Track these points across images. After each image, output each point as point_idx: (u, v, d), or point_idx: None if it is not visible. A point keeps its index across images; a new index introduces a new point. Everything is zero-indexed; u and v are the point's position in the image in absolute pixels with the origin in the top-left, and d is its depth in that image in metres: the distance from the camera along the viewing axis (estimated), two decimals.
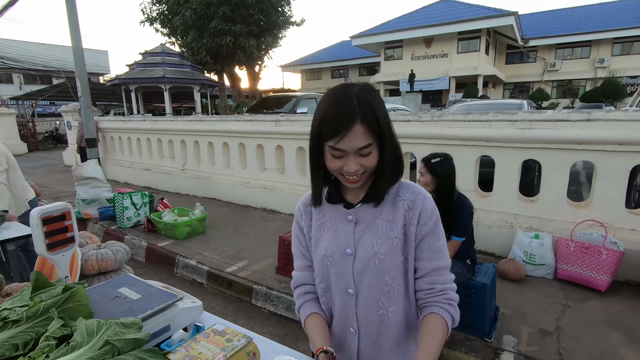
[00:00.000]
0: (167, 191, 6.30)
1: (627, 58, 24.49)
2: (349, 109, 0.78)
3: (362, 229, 0.91)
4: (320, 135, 0.82)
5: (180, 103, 24.71)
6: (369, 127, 0.78)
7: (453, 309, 0.89)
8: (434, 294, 0.90)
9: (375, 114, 0.80)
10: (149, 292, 1.17)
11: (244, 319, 2.76)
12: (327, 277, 0.96)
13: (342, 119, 0.78)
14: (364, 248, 0.90)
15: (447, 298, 0.89)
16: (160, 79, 14.48)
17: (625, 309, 2.43)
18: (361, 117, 0.78)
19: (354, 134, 0.78)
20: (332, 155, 0.82)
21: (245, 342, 0.99)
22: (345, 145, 0.79)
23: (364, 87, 0.83)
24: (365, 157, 0.81)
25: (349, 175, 0.83)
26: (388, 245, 0.88)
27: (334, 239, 0.94)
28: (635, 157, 2.77)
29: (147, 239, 4.00)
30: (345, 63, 33.88)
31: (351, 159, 0.81)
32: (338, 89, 0.83)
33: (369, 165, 0.83)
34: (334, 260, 0.93)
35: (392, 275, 0.90)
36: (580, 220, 2.85)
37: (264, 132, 4.88)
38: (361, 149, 0.79)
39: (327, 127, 0.80)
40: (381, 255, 0.88)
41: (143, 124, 6.79)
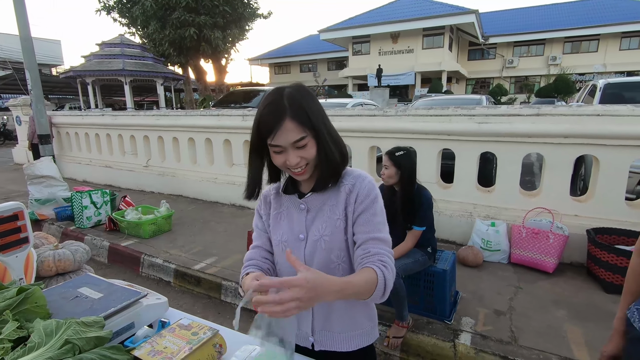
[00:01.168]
0: (130, 189, 6.06)
1: (577, 56, 26.27)
2: (279, 107, 0.87)
3: (313, 215, 1.02)
4: (260, 137, 0.91)
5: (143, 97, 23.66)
6: (300, 121, 0.87)
7: (386, 269, 0.89)
8: (368, 257, 0.92)
9: (304, 110, 0.89)
10: (111, 291, 1.16)
11: (214, 316, 2.74)
12: (282, 260, 1.05)
13: (273, 118, 0.87)
14: (313, 232, 1.00)
15: (380, 259, 0.91)
16: (120, 71, 13.79)
17: (570, 288, 2.66)
18: (290, 113, 0.87)
19: (286, 129, 0.87)
20: (274, 151, 0.91)
21: (212, 334, 1.01)
22: (280, 140, 0.87)
23: (295, 88, 0.92)
24: (302, 149, 0.90)
25: (292, 168, 0.91)
26: (332, 227, 0.98)
27: (289, 226, 1.04)
28: (578, 149, 3.01)
29: (109, 238, 3.85)
30: (314, 57, 33.82)
31: (290, 152, 0.89)
32: (271, 92, 0.92)
33: (308, 156, 0.91)
34: (288, 244, 1.02)
35: (337, 253, 0.99)
36: (531, 208, 3.07)
37: (231, 126, 4.81)
38: (296, 142, 0.88)
39: (263, 127, 0.89)
40: (326, 237, 0.98)
41: (102, 118, 6.47)
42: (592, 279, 2.76)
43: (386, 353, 2.22)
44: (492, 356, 1.99)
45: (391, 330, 2.19)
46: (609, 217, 2.94)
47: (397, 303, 2.10)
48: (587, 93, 5.90)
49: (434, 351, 2.12)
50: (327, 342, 1.05)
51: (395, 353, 2.19)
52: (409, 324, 2.20)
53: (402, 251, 2.15)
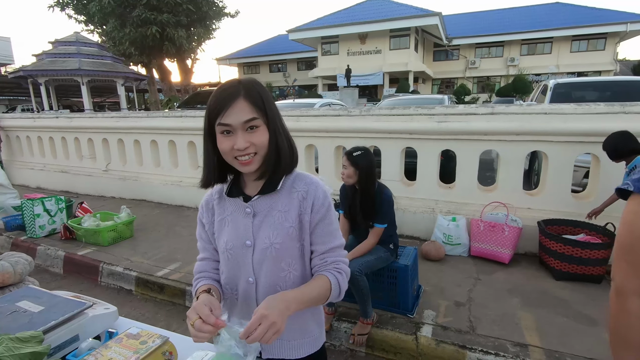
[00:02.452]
0: (89, 194, 5.77)
1: (533, 58, 27.80)
2: (233, 88, 0.86)
3: (260, 220, 0.96)
4: (209, 119, 0.88)
5: (104, 98, 22.60)
6: (253, 102, 0.85)
7: (340, 276, 0.95)
8: (325, 265, 0.97)
9: (259, 94, 0.87)
10: (54, 303, 1.10)
11: (177, 323, 2.67)
12: (229, 268, 1.01)
13: (227, 95, 0.85)
14: (261, 239, 0.95)
15: (336, 267, 0.96)
16: (76, 71, 13.07)
17: (523, 277, 2.82)
18: (244, 93, 0.85)
19: (238, 106, 0.84)
20: (222, 133, 0.86)
21: (161, 342, 0.99)
22: (230, 118, 0.84)
23: (251, 78, 0.91)
24: (253, 132, 0.86)
25: (240, 154, 0.86)
26: (283, 235, 0.94)
27: (234, 232, 0.98)
28: (529, 146, 3.19)
29: (64, 248, 3.64)
30: (283, 57, 33.65)
31: (239, 135, 0.85)
32: (228, 80, 0.91)
33: (257, 142, 0.86)
34: (234, 252, 0.97)
35: (288, 261, 0.96)
36: (488, 203, 3.22)
37: (196, 128, 4.69)
38: (247, 121, 0.84)
39: (213, 107, 0.86)
40: (277, 245, 0.94)
41: (56, 121, 6.10)
42: (544, 267, 2.94)
43: (352, 350, 2.25)
44: (452, 346, 2.07)
45: (356, 327, 2.22)
46: (558, 208, 3.14)
47: (361, 300, 2.13)
48: (539, 92, 6.27)
49: (397, 345, 2.18)
50: (276, 350, 1.02)
51: (361, 349, 2.23)
52: (373, 320, 2.25)
53: (364, 249, 2.19)
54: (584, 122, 2.90)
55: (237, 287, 1.01)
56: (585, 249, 2.62)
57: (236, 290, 1.01)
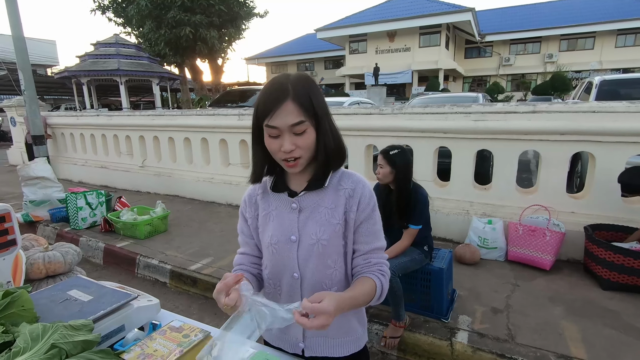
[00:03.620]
0: (125, 189, 6.03)
1: (573, 54, 26.34)
2: (281, 88, 0.84)
3: (305, 216, 0.95)
4: (258, 118, 0.87)
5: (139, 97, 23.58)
6: (301, 105, 0.83)
7: (384, 278, 0.95)
8: (369, 266, 0.96)
9: (308, 95, 0.85)
10: (102, 293, 1.14)
11: (210, 317, 2.72)
12: (273, 263, 1.00)
13: (275, 97, 0.83)
14: (307, 235, 0.94)
15: (380, 269, 0.96)
16: (115, 71, 13.72)
17: (566, 285, 2.66)
18: (293, 95, 0.83)
19: (286, 110, 0.82)
20: (269, 135, 0.86)
21: (203, 336, 1.00)
22: (277, 121, 0.83)
23: (300, 75, 0.89)
24: (299, 136, 0.84)
25: (286, 156, 0.86)
26: (330, 232, 0.93)
27: (279, 227, 0.97)
28: (574, 146, 3.00)
29: (104, 240, 3.82)
30: (311, 56, 33.77)
31: (286, 137, 0.84)
32: (277, 76, 0.89)
33: (303, 145, 0.85)
34: (279, 247, 0.97)
35: (334, 259, 0.95)
36: (528, 205, 3.07)
37: (227, 126, 4.78)
38: (294, 125, 0.83)
39: (261, 107, 0.85)
40: (324, 241, 0.93)
41: (97, 119, 6.42)
42: (589, 275, 2.76)
43: (383, 352, 2.20)
44: (490, 354, 1.98)
45: (388, 330, 2.17)
46: (605, 213, 2.94)
47: (394, 303, 2.08)
48: (583, 90, 5.91)
49: (431, 350, 2.11)
50: (319, 349, 1.02)
51: (393, 352, 2.18)
52: (406, 323, 2.19)
53: (398, 250, 2.13)
54: (637, 121, 2.70)
55: (281, 282, 1.00)
56: (638, 258, 2.43)
57: (279, 285, 1.01)
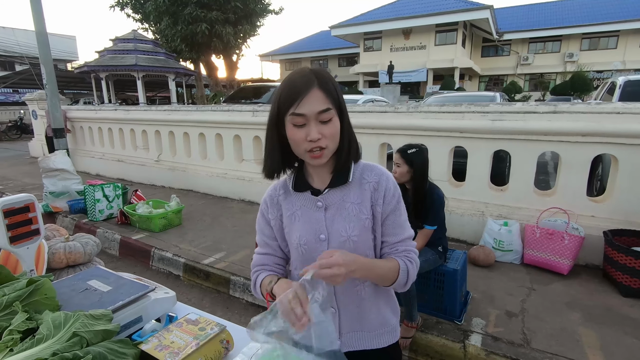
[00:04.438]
0: (141, 183, 6.14)
1: (594, 53, 25.57)
2: (307, 76, 0.83)
3: (332, 213, 0.94)
4: (280, 108, 0.86)
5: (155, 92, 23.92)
6: (328, 92, 0.83)
7: (411, 265, 0.94)
8: (397, 253, 0.97)
9: (333, 84, 0.85)
10: (120, 284, 1.16)
11: (222, 310, 2.76)
12: (302, 264, 0.97)
13: (301, 85, 0.82)
14: (337, 232, 0.93)
15: (407, 255, 0.96)
16: (133, 66, 13.97)
17: (584, 291, 2.59)
18: (319, 83, 0.83)
19: (313, 96, 0.81)
20: (294, 124, 0.84)
21: (219, 330, 1.00)
22: (304, 109, 0.81)
23: (320, 68, 0.90)
24: (325, 124, 0.84)
25: (313, 146, 0.83)
26: (360, 227, 0.93)
27: (306, 227, 0.96)
28: (596, 148, 2.92)
29: (120, 232, 3.90)
30: (325, 53, 33.67)
31: (312, 125, 0.83)
32: (295, 70, 0.89)
33: (329, 134, 0.84)
34: (309, 247, 0.95)
35: (365, 253, 0.94)
36: (546, 208, 3.00)
37: (241, 122, 4.82)
38: (321, 112, 0.82)
39: (286, 96, 0.84)
40: (355, 237, 0.92)
41: (115, 113, 6.54)
42: (608, 281, 2.68)
43: None
44: (504, 358, 1.95)
45: (400, 330, 2.16)
46: (627, 218, 2.85)
47: (407, 302, 2.07)
48: (605, 91, 5.73)
49: (443, 352, 2.09)
50: (356, 343, 1.01)
51: (404, 353, 2.17)
52: (418, 324, 2.17)
53: None
54: None
55: None
56: None
57: None
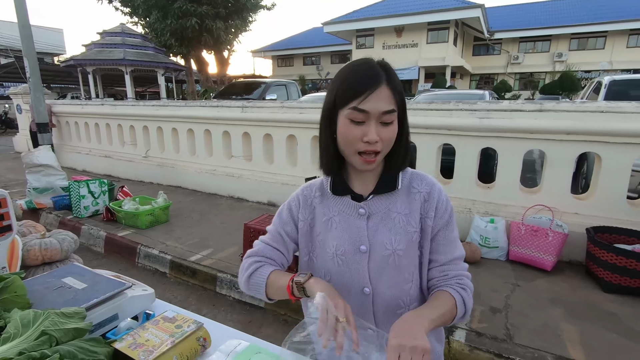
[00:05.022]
0: (128, 179, 6.05)
1: (583, 53, 25.94)
2: (375, 70, 0.75)
3: (375, 223, 0.85)
4: (337, 100, 0.77)
5: (145, 87, 23.59)
6: (395, 92, 0.75)
7: (465, 293, 0.83)
8: (446, 279, 0.86)
9: (399, 83, 0.78)
10: (96, 281, 1.13)
11: (208, 307, 2.73)
12: (337, 276, 0.88)
13: (369, 79, 0.74)
14: (380, 244, 0.84)
15: (459, 282, 0.85)
16: (121, 60, 13.71)
17: (567, 287, 2.63)
18: (387, 79, 0.75)
19: (381, 94, 0.74)
20: (352, 120, 0.76)
21: (195, 327, 0.99)
22: (369, 105, 0.73)
23: (386, 62, 0.81)
24: (386, 127, 0.76)
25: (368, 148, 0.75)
26: (407, 241, 0.83)
27: (345, 236, 0.86)
28: (580, 146, 2.96)
29: (106, 228, 3.84)
30: (317, 50, 33.54)
31: (372, 125, 0.74)
32: (358, 60, 0.80)
33: (387, 138, 0.76)
34: (346, 258, 0.86)
35: (410, 271, 0.86)
36: (531, 205, 3.04)
37: (230, 118, 4.77)
38: (385, 113, 0.74)
39: (349, 89, 0.75)
40: (400, 252, 0.83)
41: (102, 108, 6.43)
42: (591, 277, 2.73)
43: None
44: (487, 354, 1.97)
45: None
46: (610, 215, 2.90)
47: None
48: (591, 90, 5.81)
49: None
50: None
51: None
52: (451, 322, 2.17)
53: None
54: None
55: (347, 298, 0.87)
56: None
57: None
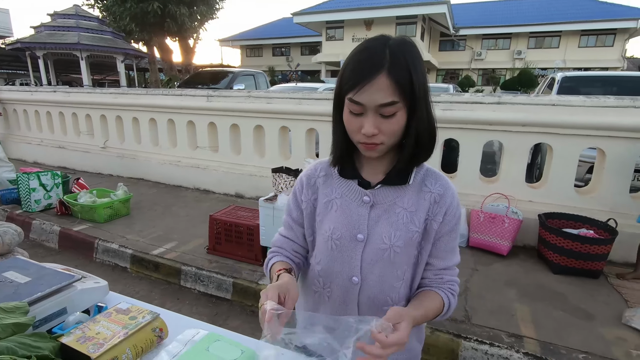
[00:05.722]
0: (85, 171, 5.71)
1: (540, 51, 27.38)
2: (377, 57, 0.68)
3: (378, 214, 0.82)
4: (342, 87, 0.73)
5: (104, 75, 22.26)
6: (397, 82, 0.68)
7: (453, 299, 0.85)
8: (439, 283, 0.86)
9: (408, 69, 0.68)
10: (41, 275, 1.06)
11: (172, 301, 2.66)
12: (329, 260, 0.87)
13: (366, 67, 0.68)
14: (378, 236, 0.81)
15: (450, 288, 0.86)
16: (75, 45, 12.79)
17: (520, 270, 2.80)
18: (389, 68, 0.67)
19: (377, 85, 0.67)
20: (351, 111, 0.72)
21: (151, 318, 0.95)
22: (363, 97, 0.68)
23: (403, 40, 0.73)
24: (386, 119, 0.70)
25: (365, 140, 0.72)
26: (406, 239, 0.81)
27: (344, 221, 0.84)
28: (534, 137, 3.13)
29: (60, 223, 3.61)
30: (287, 41, 33.11)
31: (370, 117, 0.70)
32: (373, 37, 0.74)
33: (388, 131, 0.71)
34: (341, 244, 0.84)
35: (404, 269, 0.84)
36: (490, 194, 3.19)
37: (195, 107, 4.61)
38: (382, 106, 0.68)
39: (348, 76, 0.71)
40: (397, 248, 0.81)
41: (53, 95, 5.99)
42: (542, 260, 2.92)
43: None
44: (447, 334, 2.06)
45: None
46: (560, 202, 3.10)
47: None
48: (546, 86, 6.16)
49: None
50: None
51: None
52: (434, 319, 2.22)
53: None
54: (592, 116, 2.84)
55: (334, 283, 0.88)
56: (585, 243, 2.59)
57: (330, 286, 0.88)
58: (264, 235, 2.73)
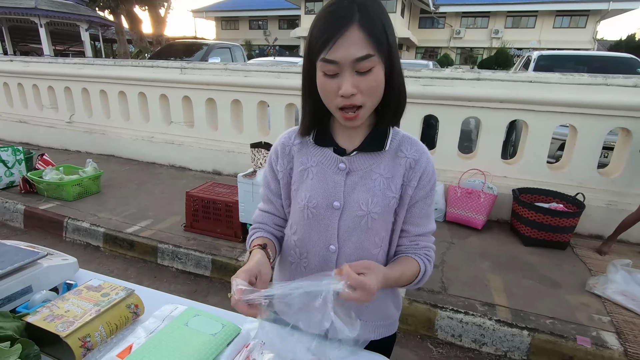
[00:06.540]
0: (51, 147, 5.39)
1: (516, 31, 27.70)
2: (345, 9, 0.64)
3: (354, 181, 0.80)
4: (311, 50, 0.69)
5: (67, 46, 20.77)
6: (371, 34, 0.64)
7: (429, 265, 0.85)
8: (416, 248, 0.86)
9: (380, 21, 0.65)
10: (2, 252, 0.99)
11: (149, 280, 2.60)
12: (305, 229, 0.85)
13: (336, 21, 0.64)
14: (355, 203, 0.79)
15: (427, 254, 0.86)
16: (32, 10, 11.75)
17: (494, 242, 2.91)
18: (360, 19, 0.64)
19: (350, 38, 0.63)
20: (325, 73, 0.68)
21: (125, 294, 0.91)
22: (337, 54, 0.64)
23: None
24: (364, 75, 0.66)
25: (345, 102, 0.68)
26: (383, 205, 0.79)
27: (319, 189, 0.81)
28: (511, 114, 3.18)
29: (24, 201, 3.41)
30: (265, 14, 31.88)
31: (346, 75, 0.66)
32: None
33: (368, 88, 0.67)
34: (317, 212, 0.81)
35: (381, 236, 0.83)
36: (467, 170, 3.25)
37: (168, 80, 4.38)
38: (358, 60, 0.64)
39: (318, 35, 0.66)
40: (375, 215, 0.79)
41: (10, 65, 5.53)
42: (514, 233, 3.04)
43: None
44: (424, 305, 2.13)
45: None
46: (533, 178, 3.21)
47: None
48: (522, 65, 6.26)
49: None
50: None
51: None
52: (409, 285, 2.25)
53: None
54: (567, 93, 2.90)
55: (310, 253, 0.86)
56: (555, 216, 2.70)
57: (307, 256, 0.87)
58: (243, 212, 2.68)
